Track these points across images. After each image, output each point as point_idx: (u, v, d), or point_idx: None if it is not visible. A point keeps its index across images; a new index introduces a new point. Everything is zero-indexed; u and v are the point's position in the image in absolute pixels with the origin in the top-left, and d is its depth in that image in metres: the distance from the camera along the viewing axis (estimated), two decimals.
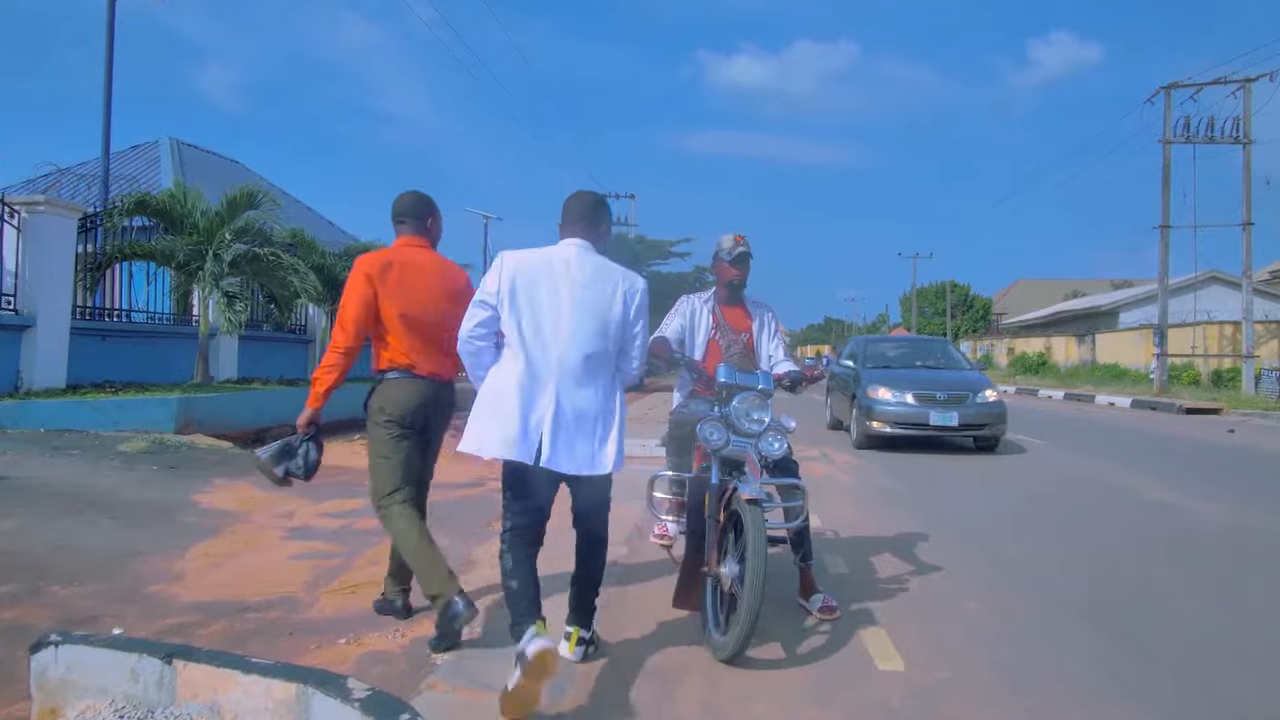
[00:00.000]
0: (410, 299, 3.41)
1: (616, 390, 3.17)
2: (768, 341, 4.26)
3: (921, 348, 14.46)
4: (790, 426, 3.48)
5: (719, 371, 3.52)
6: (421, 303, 3.43)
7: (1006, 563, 5.08)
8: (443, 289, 3.50)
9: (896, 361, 12.83)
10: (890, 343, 15.40)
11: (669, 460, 4.06)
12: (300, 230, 15.00)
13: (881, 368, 12.23)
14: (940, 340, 16.72)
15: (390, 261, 3.47)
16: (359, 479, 8.51)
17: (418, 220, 3.62)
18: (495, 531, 5.93)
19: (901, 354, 13.47)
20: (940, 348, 14.14)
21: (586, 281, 3.09)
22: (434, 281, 3.49)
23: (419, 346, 3.44)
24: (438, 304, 3.46)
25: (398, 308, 3.39)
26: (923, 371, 12.21)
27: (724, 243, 4.15)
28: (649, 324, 3.26)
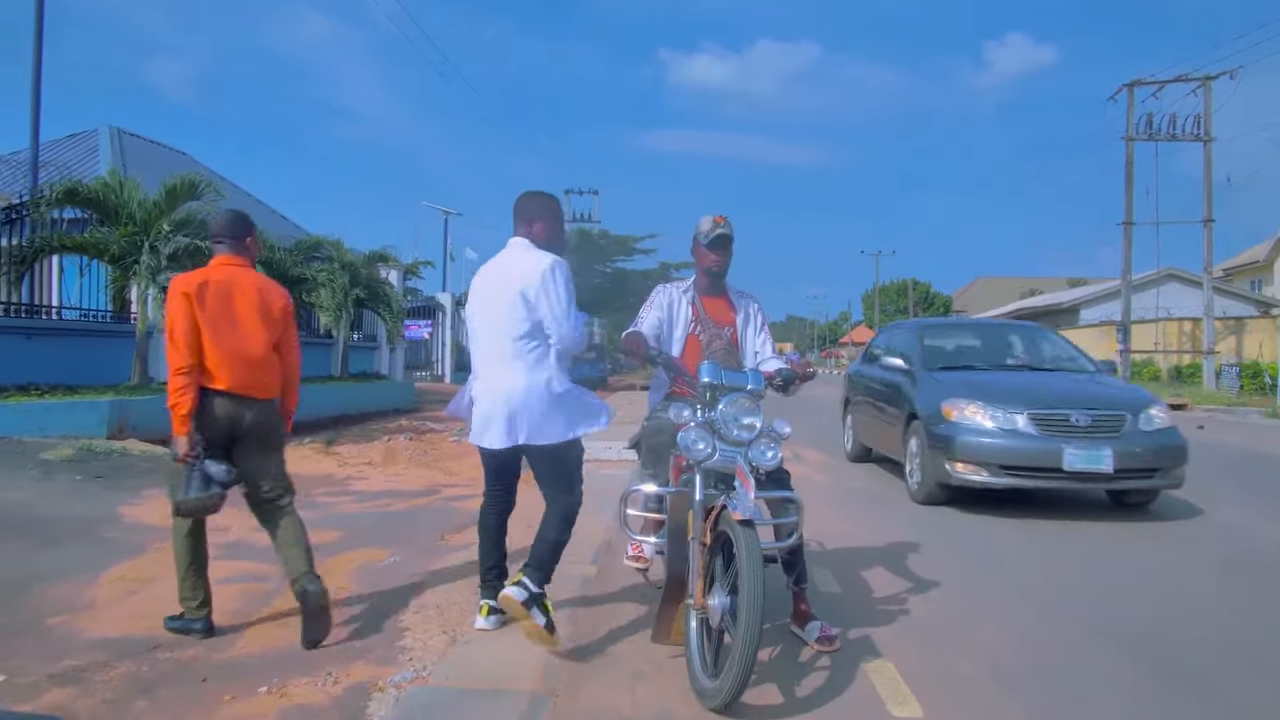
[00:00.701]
0: (224, 317, 3.43)
1: (544, 371, 3.32)
2: (754, 336, 3.81)
3: (1007, 337, 9.13)
4: (785, 433, 3.03)
5: (702, 370, 3.06)
6: (235, 321, 3.46)
7: (1014, 576, 4.68)
8: (258, 308, 3.52)
9: (973, 359, 8.21)
10: (963, 330, 10.48)
11: (644, 472, 3.59)
12: None
13: (956, 368, 7.77)
14: (1032, 327, 10.53)
15: (207, 280, 3.48)
16: (307, 487, 7.90)
17: (235, 240, 3.65)
18: (450, 547, 5.47)
19: (981, 347, 8.73)
20: (1038, 338, 9.05)
21: (498, 274, 3.42)
22: (250, 300, 3.51)
23: (229, 364, 3.43)
24: (252, 322, 3.49)
25: (211, 325, 3.39)
26: (1028, 377, 7.60)
27: (702, 225, 3.69)
28: (571, 294, 3.34)
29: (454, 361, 28.42)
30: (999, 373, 7.76)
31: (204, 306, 3.40)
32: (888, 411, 8.10)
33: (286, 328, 3.66)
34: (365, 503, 7.08)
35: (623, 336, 3.46)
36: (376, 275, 18.23)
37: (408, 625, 3.68)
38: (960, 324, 12.76)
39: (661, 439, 3.40)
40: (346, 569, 4.83)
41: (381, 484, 8.14)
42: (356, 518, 6.39)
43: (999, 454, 6.36)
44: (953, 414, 6.66)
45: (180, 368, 3.39)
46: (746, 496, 2.74)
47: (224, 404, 3.44)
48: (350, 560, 5.05)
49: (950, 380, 7.27)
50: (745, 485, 2.79)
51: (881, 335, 10.58)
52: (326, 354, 18.74)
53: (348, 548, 5.36)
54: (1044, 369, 7.94)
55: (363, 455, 10.46)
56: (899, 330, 10.09)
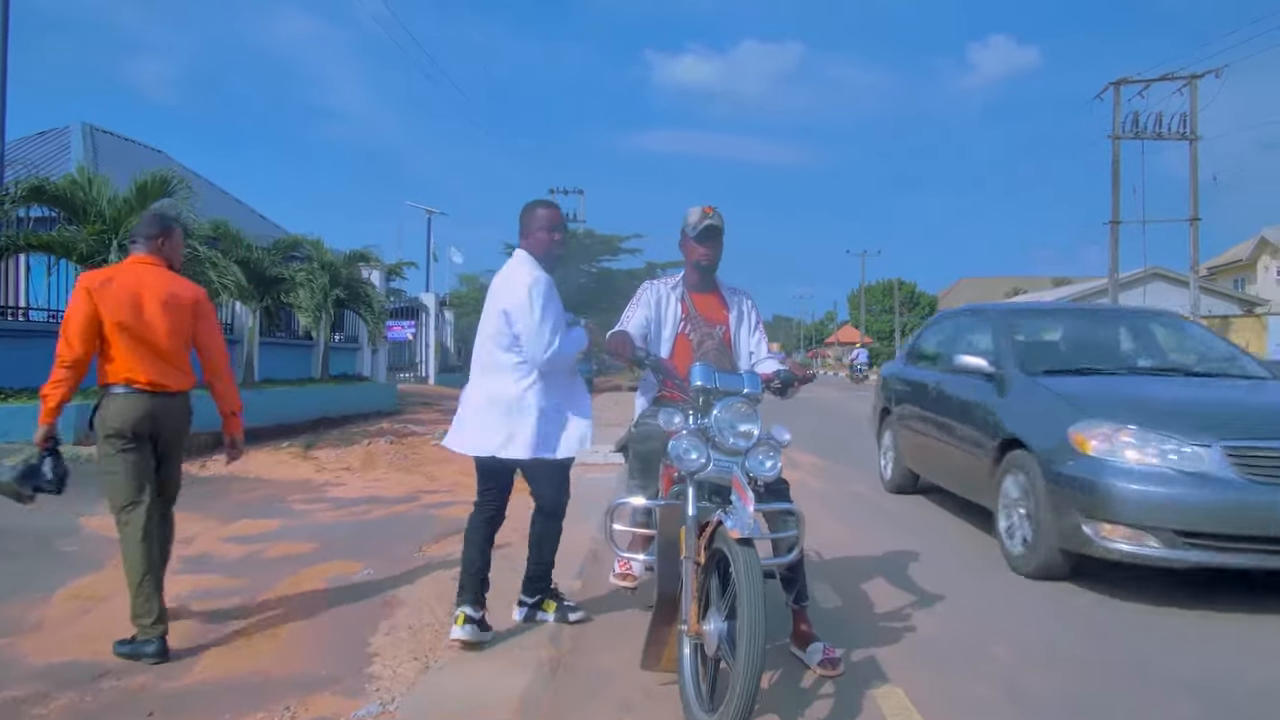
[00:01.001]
0: (131, 314, 3.46)
1: (523, 383, 3.34)
2: (747, 335, 3.56)
3: (1130, 328, 6.58)
4: (785, 440, 2.78)
5: (694, 372, 2.80)
6: (143, 318, 3.48)
7: (1024, 588, 4.45)
8: (166, 305, 3.54)
9: (1093, 359, 5.79)
10: (1064, 318, 7.16)
11: (631, 482, 3.32)
12: (224, 222, 13.92)
13: (1071, 373, 5.40)
14: (1161, 313, 7.63)
15: (112, 277, 3.55)
16: (282, 493, 7.65)
17: (149, 240, 3.67)
18: (427, 560, 5.19)
19: (1096, 342, 6.33)
20: (1178, 330, 6.66)
21: (498, 285, 3.46)
22: (158, 297, 3.53)
23: (141, 360, 3.47)
24: (160, 320, 3.51)
25: (117, 322, 3.43)
26: (1192, 386, 5.37)
27: (690, 216, 3.43)
28: (546, 313, 3.27)
29: (438, 363, 28.08)
30: (1144, 379, 5.46)
31: (107, 303, 3.43)
32: (960, 433, 5.79)
33: (201, 320, 3.71)
34: (342, 510, 6.80)
35: (607, 336, 3.20)
36: (358, 275, 17.89)
37: (377, 650, 3.41)
38: (1057, 310, 9.35)
39: (650, 447, 3.14)
40: (316, 583, 4.56)
41: (360, 490, 7.86)
42: (331, 527, 6.11)
43: (1181, 512, 4.03)
44: (1092, 444, 4.31)
45: (65, 361, 3.42)
46: (745, 511, 2.49)
47: (141, 399, 3.48)
48: (321, 573, 4.77)
49: (1078, 391, 4.89)
50: (743, 499, 2.54)
51: (935, 327, 7.74)
52: (306, 355, 18.40)
53: (320, 559, 5.09)
54: (1196, 373, 5.61)
55: (342, 460, 10.16)
56: (967, 319, 6.96)
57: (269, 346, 17.01)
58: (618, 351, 2.97)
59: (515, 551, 4.61)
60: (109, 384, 3.50)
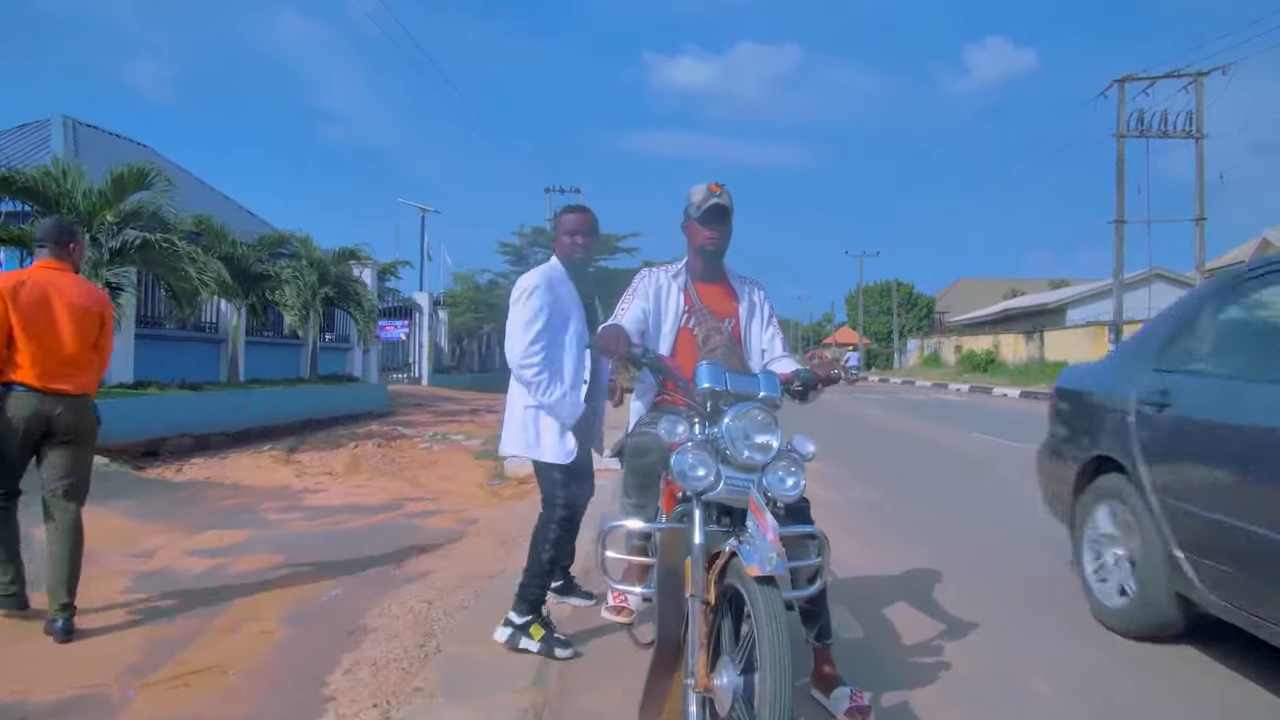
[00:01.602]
0: (37, 317, 3.58)
1: (514, 379, 3.33)
2: (759, 330, 3.12)
3: None
4: (809, 453, 2.36)
5: (701, 373, 2.38)
6: (48, 321, 3.61)
7: (1064, 612, 4.01)
8: (74, 310, 3.68)
9: None
10: None
11: (626, 501, 2.82)
12: (208, 217, 13.50)
13: None
14: None
15: (24, 280, 3.65)
16: (257, 501, 7.21)
17: (58, 245, 3.81)
18: (404, 578, 4.75)
19: None
20: None
21: None
22: (66, 302, 3.67)
23: (44, 362, 3.59)
24: (67, 324, 3.65)
25: (23, 324, 3.55)
26: None
27: (693, 194, 2.96)
28: (526, 318, 3.22)
29: (432, 363, 27.64)
30: None
31: (18, 306, 3.55)
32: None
33: (104, 326, 3.86)
34: (318, 520, 6.36)
35: (599, 332, 2.73)
36: (349, 273, 17.46)
37: (334, 692, 2.96)
38: None
39: (648, 461, 2.70)
40: (277, 606, 4.12)
41: (340, 497, 7.42)
42: (303, 539, 5.67)
43: None
44: None
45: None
46: (764, 542, 2.05)
47: (34, 399, 3.58)
48: (284, 594, 4.34)
49: None
50: (761, 525, 2.10)
51: (1214, 311, 3.65)
52: (295, 355, 17.98)
53: (285, 578, 4.66)
54: None
55: (325, 464, 9.72)
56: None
57: (256, 346, 16.59)
58: (610, 349, 2.51)
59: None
60: (8, 382, 3.58)
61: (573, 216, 3.46)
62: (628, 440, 2.84)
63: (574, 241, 3.41)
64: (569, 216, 3.48)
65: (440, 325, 29.65)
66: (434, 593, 4.15)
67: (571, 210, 3.51)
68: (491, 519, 6.15)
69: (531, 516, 3.51)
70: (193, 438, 11.03)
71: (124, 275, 10.39)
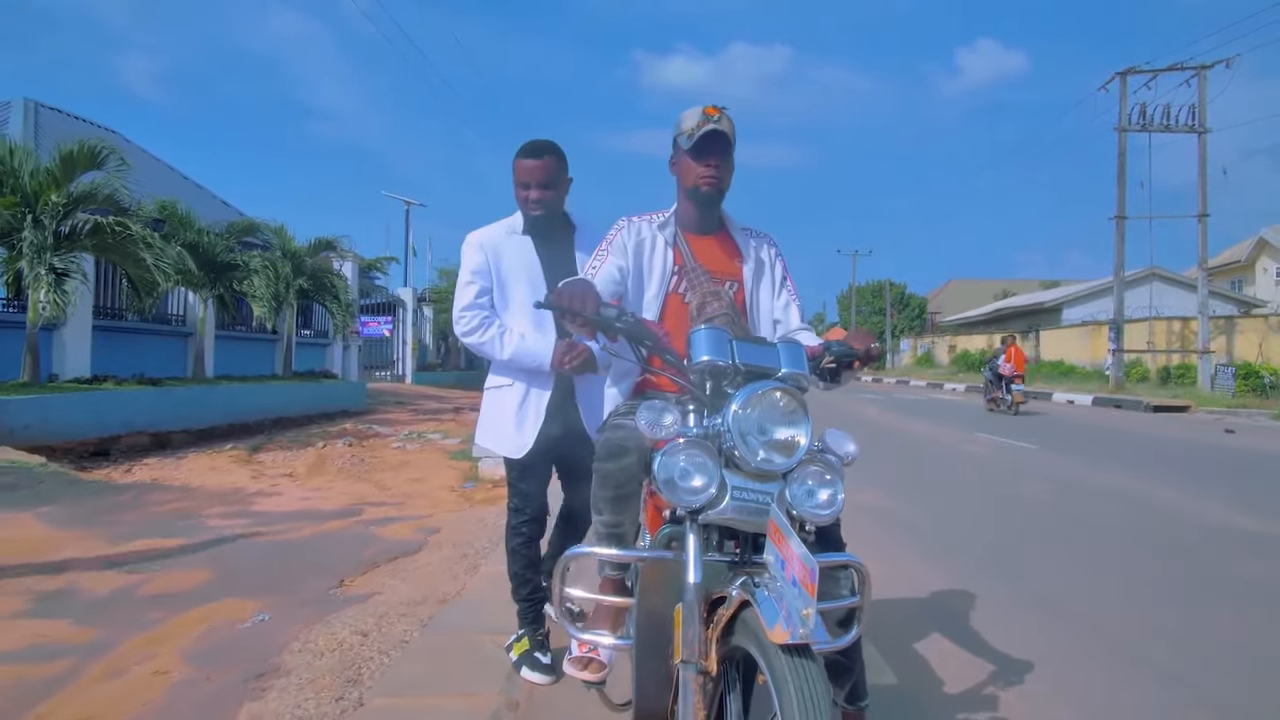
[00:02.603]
0: None
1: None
2: (770, 296, 2.39)
3: None
4: (849, 453, 1.70)
5: (697, 341, 1.71)
6: None
7: (1118, 645, 3.37)
8: None
9: None
10: None
11: (595, 520, 2.08)
12: (172, 203, 12.76)
13: None
14: None
15: None
16: (201, 505, 6.49)
17: None
18: (344, 599, 4.04)
19: None
20: None
21: None
22: None
23: None
24: None
25: None
26: None
27: (685, 120, 2.23)
28: (465, 277, 2.81)
29: (416, 360, 26.87)
30: None
31: None
32: None
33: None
34: (264, 527, 5.66)
35: (558, 288, 1.90)
36: (327, 266, 16.72)
37: None
38: None
39: (624, 466, 1.95)
40: (185, 637, 3.43)
41: (295, 501, 6.72)
42: (242, 550, 4.98)
43: None
44: None
45: None
46: (793, 591, 1.37)
47: None
48: (201, 619, 3.65)
49: None
50: (787, 560, 1.43)
51: None
52: (269, 350, 17.24)
53: (208, 598, 3.97)
54: None
55: (288, 464, 9.02)
56: None
57: (228, 340, 15.85)
58: (572, 308, 1.81)
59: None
60: None
61: (522, 164, 2.77)
62: (599, 434, 2.13)
63: (526, 196, 2.77)
64: (518, 164, 2.78)
65: (425, 322, 28.88)
66: (373, 620, 3.47)
67: (523, 154, 2.78)
68: (456, 527, 5.47)
69: (502, 522, 2.87)
70: (149, 436, 10.32)
71: (73, 261, 9.65)
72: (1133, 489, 7.34)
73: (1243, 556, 4.96)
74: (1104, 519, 6.12)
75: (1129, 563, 4.80)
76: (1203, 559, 4.94)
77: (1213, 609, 3.89)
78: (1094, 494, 7.17)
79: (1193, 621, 3.68)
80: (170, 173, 18.43)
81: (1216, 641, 3.42)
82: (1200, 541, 5.36)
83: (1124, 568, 4.67)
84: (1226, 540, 5.38)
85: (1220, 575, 4.55)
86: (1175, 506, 6.50)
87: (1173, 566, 4.75)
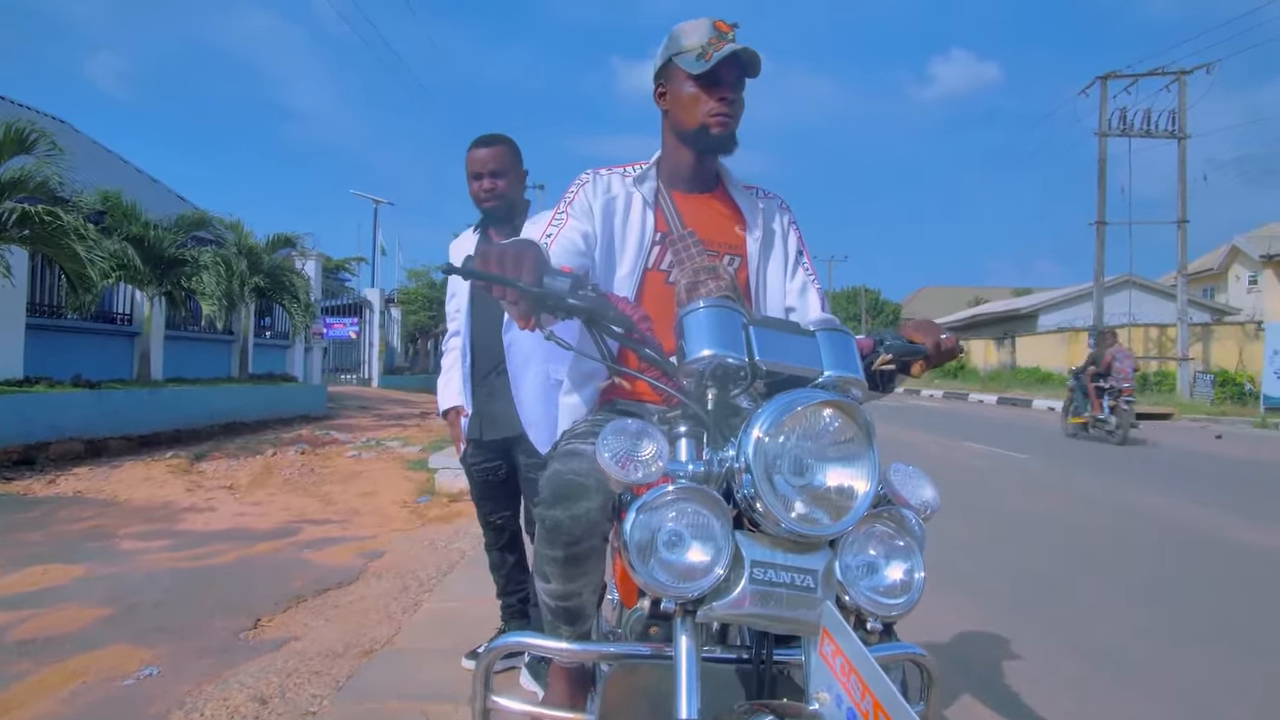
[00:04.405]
0: None
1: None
2: (781, 276, 1.78)
3: None
4: (927, 501, 1.11)
5: (694, 326, 1.11)
6: None
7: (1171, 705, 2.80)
8: None
9: None
10: None
11: (542, 589, 1.45)
12: (115, 194, 11.97)
13: None
14: None
15: None
16: (120, 523, 5.77)
17: None
18: (255, 646, 3.33)
19: None
20: None
21: None
22: None
23: None
24: None
25: None
26: None
27: (686, 34, 1.64)
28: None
29: (383, 364, 26.04)
30: None
31: None
32: None
33: None
34: (184, 551, 4.98)
35: (486, 249, 1.21)
36: (288, 264, 15.94)
37: None
38: None
39: (580, 514, 1.33)
40: (52, 694, 2.78)
41: (228, 519, 6.02)
42: (152, 579, 4.31)
43: None
44: None
45: None
46: None
47: None
48: (75, 672, 2.99)
49: None
50: (843, 682, 0.83)
51: None
52: (224, 351, 16.43)
53: (92, 643, 3.30)
54: None
55: (230, 474, 8.30)
56: None
57: (181, 341, 15.04)
58: (507, 272, 1.16)
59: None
60: None
61: (474, 155, 2.75)
62: (549, 466, 1.50)
63: (478, 187, 2.75)
64: (470, 156, 2.76)
65: (393, 324, 28.07)
66: (280, 679, 2.83)
67: (473, 145, 2.76)
68: (402, 551, 4.82)
69: (455, 545, 2.25)
70: (83, 443, 9.53)
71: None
72: (1143, 502, 6.82)
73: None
74: (1131, 536, 5.59)
75: (1166, 577, 4.26)
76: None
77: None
78: (1102, 508, 6.63)
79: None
80: (122, 165, 17.58)
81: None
82: (1229, 564, 4.83)
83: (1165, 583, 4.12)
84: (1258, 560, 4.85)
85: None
86: (1219, 531, 5.98)
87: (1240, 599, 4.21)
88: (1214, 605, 4.09)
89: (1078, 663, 3.22)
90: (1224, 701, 2.89)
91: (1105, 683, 3.03)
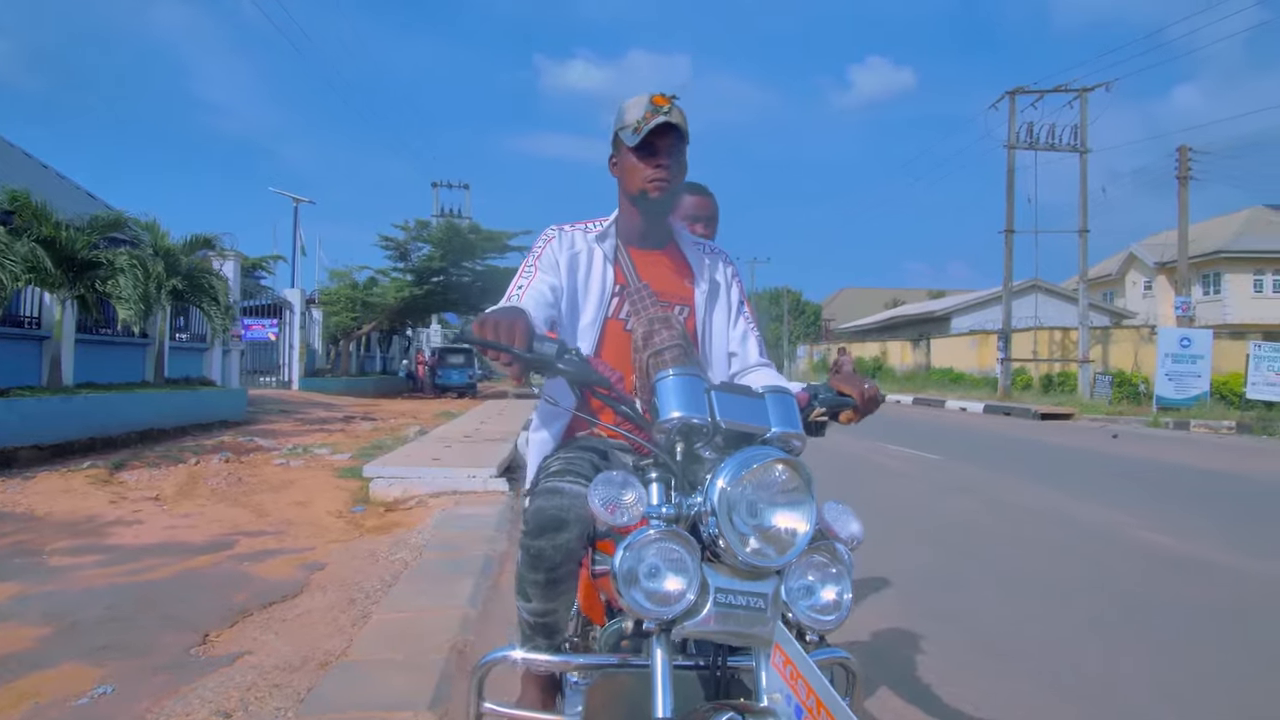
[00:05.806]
0: None
1: None
2: (725, 325, 2.02)
3: None
4: (854, 534, 1.34)
5: (666, 393, 1.32)
6: None
7: None
8: None
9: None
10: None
11: (522, 607, 1.65)
12: (24, 193, 11.53)
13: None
14: None
15: None
16: (46, 538, 5.67)
17: None
18: (207, 662, 3.39)
19: None
20: None
21: None
22: None
23: None
24: None
25: None
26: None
27: (628, 110, 1.86)
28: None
29: (304, 366, 25.53)
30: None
31: None
32: None
33: None
34: (118, 566, 4.95)
35: (482, 317, 1.42)
36: (206, 265, 15.56)
37: None
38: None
39: (561, 543, 1.55)
40: (8, 716, 2.81)
41: (159, 531, 5.97)
42: (90, 596, 4.30)
43: None
44: None
45: None
46: None
47: None
48: (27, 693, 3.02)
49: None
50: (792, 686, 1.05)
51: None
52: (137, 355, 15.94)
53: (40, 662, 3.33)
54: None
55: (154, 484, 8.15)
56: None
57: (93, 345, 14.54)
58: (502, 338, 1.36)
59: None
60: None
61: (691, 200, 2.64)
62: (528, 498, 1.70)
63: (692, 229, 2.50)
64: (686, 199, 2.61)
65: (314, 325, 27.54)
66: (239, 695, 2.92)
67: (690, 190, 2.64)
68: (343, 563, 4.90)
69: (397, 555, 2.40)
70: (33, 451, 9.25)
71: None
72: (1055, 502, 7.34)
73: (1192, 575, 4.90)
74: (1042, 536, 6.04)
75: (1089, 581, 4.66)
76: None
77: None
78: (1005, 503, 7.12)
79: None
80: (27, 160, 16.89)
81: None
82: (1154, 569, 5.30)
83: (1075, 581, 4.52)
84: (1177, 563, 5.33)
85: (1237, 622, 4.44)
86: (1132, 532, 6.49)
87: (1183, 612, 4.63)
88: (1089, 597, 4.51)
89: (976, 653, 3.55)
90: (1107, 681, 3.25)
91: (998, 670, 3.36)
